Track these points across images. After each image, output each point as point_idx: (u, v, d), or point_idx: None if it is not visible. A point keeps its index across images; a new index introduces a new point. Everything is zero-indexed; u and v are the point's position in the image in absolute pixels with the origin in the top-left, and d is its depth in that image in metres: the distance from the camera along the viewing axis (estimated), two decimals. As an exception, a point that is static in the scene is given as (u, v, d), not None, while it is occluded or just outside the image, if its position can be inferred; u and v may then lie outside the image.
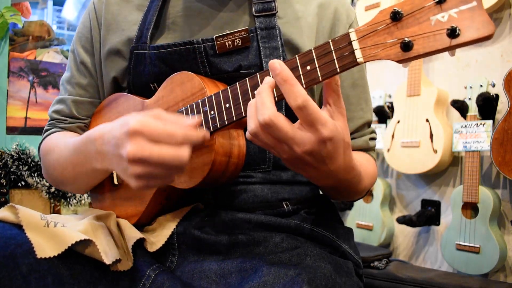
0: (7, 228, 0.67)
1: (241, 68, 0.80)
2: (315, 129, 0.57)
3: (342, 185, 0.70)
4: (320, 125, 0.57)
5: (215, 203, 0.82)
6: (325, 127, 0.57)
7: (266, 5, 0.83)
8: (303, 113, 0.56)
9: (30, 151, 1.87)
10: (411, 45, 0.52)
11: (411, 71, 2.02)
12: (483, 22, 0.48)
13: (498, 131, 1.64)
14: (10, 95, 1.97)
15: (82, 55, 0.94)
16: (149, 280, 0.69)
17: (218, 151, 0.70)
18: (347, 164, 0.64)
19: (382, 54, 0.54)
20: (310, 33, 0.85)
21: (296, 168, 0.64)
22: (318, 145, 0.58)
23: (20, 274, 0.62)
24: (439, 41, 0.50)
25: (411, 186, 2.20)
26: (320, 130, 0.57)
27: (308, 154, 0.58)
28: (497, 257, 1.65)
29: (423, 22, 0.51)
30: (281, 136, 0.57)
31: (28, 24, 2.05)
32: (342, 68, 0.56)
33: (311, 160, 0.60)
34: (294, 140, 0.58)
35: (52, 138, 0.90)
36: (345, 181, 0.69)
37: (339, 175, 0.65)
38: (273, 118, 0.56)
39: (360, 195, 0.86)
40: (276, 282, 0.63)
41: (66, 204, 1.93)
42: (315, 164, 0.61)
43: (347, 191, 0.76)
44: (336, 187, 0.73)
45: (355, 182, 0.73)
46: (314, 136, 0.57)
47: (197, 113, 0.72)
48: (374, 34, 0.54)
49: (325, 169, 0.62)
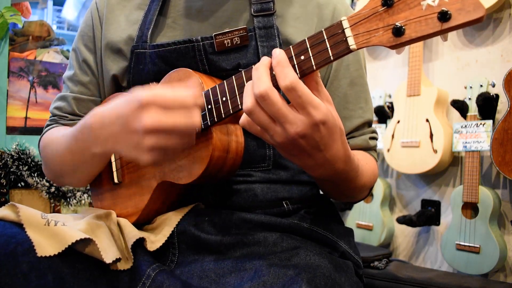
0: (8, 227, 0.67)
1: (240, 66, 0.81)
2: (307, 112, 0.57)
3: (340, 177, 0.69)
4: (311, 108, 0.56)
5: (215, 202, 0.82)
6: (318, 110, 0.57)
7: (264, 5, 0.83)
8: (293, 95, 0.56)
9: (30, 151, 1.87)
10: (402, 30, 0.52)
11: (411, 71, 2.02)
12: (474, 5, 0.48)
13: (498, 131, 1.64)
14: (10, 95, 1.97)
15: (84, 53, 0.94)
16: (149, 280, 0.70)
17: (216, 145, 0.71)
18: (344, 153, 0.64)
19: (374, 40, 0.55)
20: (309, 33, 0.85)
21: (291, 156, 0.63)
22: (311, 129, 0.57)
23: (20, 273, 0.62)
24: (431, 25, 0.51)
25: (411, 186, 2.20)
26: (312, 113, 0.57)
27: (302, 137, 0.58)
28: (497, 257, 1.65)
29: (414, 7, 0.52)
30: (275, 111, 0.57)
31: (28, 24, 2.06)
32: (335, 56, 0.57)
33: (305, 144, 0.59)
34: (287, 119, 0.57)
35: (51, 131, 0.91)
36: (343, 173, 0.68)
37: (336, 164, 0.64)
38: (269, 91, 0.57)
39: (360, 193, 0.85)
40: (275, 281, 0.63)
41: (66, 204, 1.93)
42: (310, 150, 0.60)
43: (346, 185, 0.75)
44: (334, 181, 0.72)
45: (353, 176, 0.72)
46: (306, 119, 0.57)
47: None
48: (366, 21, 0.55)
49: (321, 156, 0.61)
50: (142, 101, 0.60)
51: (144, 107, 0.60)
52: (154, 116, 0.59)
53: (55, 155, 0.84)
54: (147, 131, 0.59)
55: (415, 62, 2.02)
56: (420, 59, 2.01)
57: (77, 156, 0.77)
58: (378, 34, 0.54)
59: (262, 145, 0.82)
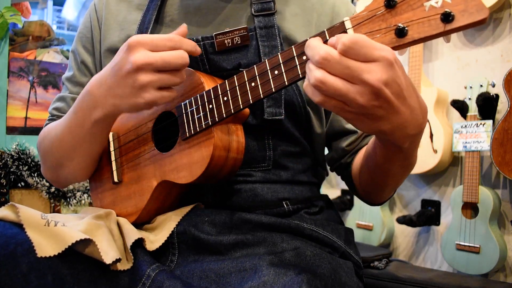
0: (8, 227, 0.67)
1: (240, 66, 0.81)
2: (378, 56, 0.51)
3: (419, 137, 0.65)
4: (379, 51, 0.52)
5: (215, 202, 0.82)
6: (385, 50, 0.52)
7: (265, 5, 0.83)
8: (356, 49, 0.51)
9: (30, 151, 1.88)
10: (405, 31, 0.52)
11: (411, 71, 2.02)
12: (477, 7, 0.48)
13: (498, 131, 1.64)
14: (10, 95, 1.98)
15: (82, 55, 0.94)
16: (148, 280, 0.69)
17: (217, 145, 0.71)
18: (419, 101, 0.59)
19: (377, 40, 0.54)
20: (309, 29, 0.85)
21: (379, 121, 0.56)
22: (390, 70, 0.52)
23: (20, 273, 0.62)
24: (434, 26, 0.51)
25: (411, 186, 2.20)
26: (383, 54, 0.51)
27: (385, 84, 0.52)
28: (497, 257, 1.65)
29: (417, 8, 0.52)
30: (345, 67, 0.52)
31: (28, 24, 2.06)
32: None
33: (390, 94, 0.53)
34: (363, 69, 0.51)
35: (48, 125, 0.91)
36: (421, 133, 0.63)
37: (419, 117, 0.59)
38: (330, 51, 0.52)
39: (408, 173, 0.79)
40: (275, 282, 0.63)
41: (66, 204, 1.94)
42: (395, 101, 0.54)
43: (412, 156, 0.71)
44: (414, 145, 0.66)
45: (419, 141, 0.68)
46: (380, 62, 0.52)
47: (196, 107, 0.73)
48: (369, 22, 0.55)
49: (406, 108, 0.56)
50: (130, 43, 0.65)
51: (132, 48, 0.65)
52: (143, 53, 0.64)
53: (53, 142, 0.84)
54: (138, 68, 0.64)
55: (415, 62, 2.02)
56: (420, 59, 2.01)
57: (76, 132, 0.78)
58: (380, 34, 0.54)
59: (262, 145, 0.82)
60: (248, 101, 0.67)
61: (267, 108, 0.80)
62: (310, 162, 0.90)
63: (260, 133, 0.82)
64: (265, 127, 0.82)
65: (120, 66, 0.66)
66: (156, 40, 0.66)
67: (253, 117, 0.81)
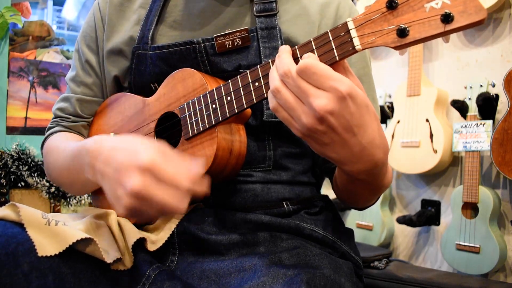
0: (9, 227, 0.67)
1: (241, 67, 0.81)
2: (329, 86, 0.54)
3: (379, 171, 0.65)
4: (332, 81, 0.54)
5: (215, 202, 0.82)
6: (340, 82, 0.54)
7: (267, 5, 0.83)
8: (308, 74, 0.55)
9: (30, 151, 1.88)
10: (407, 31, 0.54)
11: (411, 71, 2.02)
12: (475, 8, 0.50)
13: (498, 131, 1.64)
14: (10, 95, 1.97)
15: (87, 54, 0.94)
16: (149, 280, 0.70)
17: (220, 144, 0.71)
18: (381, 140, 0.60)
19: (379, 41, 0.56)
20: (311, 30, 0.85)
21: (323, 146, 0.59)
22: (339, 103, 0.54)
23: (21, 273, 0.62)
24: (434, 27, 0.52)
25: (411, 186, 2.20)
26: (335, 86, 0.54)
27: (330, 113, 0.55)
28: (497, 257, 1.65)
29: (418, 9, 0.53)
30: (297, 86, 0.56)
31: (28, 24, 2.06)
32: (341, 56, 0.58)
33: (335, 124, 0.56)
34: (311, 92, 0.55)
35: (53, 139, 0.91)
36: (383, 167, 0.64)
37: (376, 153, 0.60)
38: (291, 67, 0.57)
39: (381, 193, 0.81)
40: (275, 282, 0.63)
41: (66, 204, 1.94)
42: (342, 133, 0.56)
43: (378, 183, 0.71)
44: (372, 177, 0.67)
45: (385, 172, 0.69)
46: (331, 92, 0.54)
47: (199, 108, 0.73)
48: (371, 22, 0.56)
49: (356, 143, 0.58)
50: (141, 164, 0.58)
51: (140, 169, 0.58)
52: (145, 184, 0.57)
53: (55, 166, 0.86)
54: (132, 193, 0.57)
55: (415, 62, 2.02)
56: (420, 59, 2.01)
57: (73, 175, 0.78)
58: (382, 35, 0.56)
59: (263, 146, 0.83)
60: (252, 101, 0.67)
61: (266, 110, 0.80)
62: (311, 163, 0.90)
63: (261, 134, 0.82)
64: (265, 128, 0.82)
65: (121, 173, 0.59)
66: (166, 176, 0.58)
67: (254, 118, 0.81)
